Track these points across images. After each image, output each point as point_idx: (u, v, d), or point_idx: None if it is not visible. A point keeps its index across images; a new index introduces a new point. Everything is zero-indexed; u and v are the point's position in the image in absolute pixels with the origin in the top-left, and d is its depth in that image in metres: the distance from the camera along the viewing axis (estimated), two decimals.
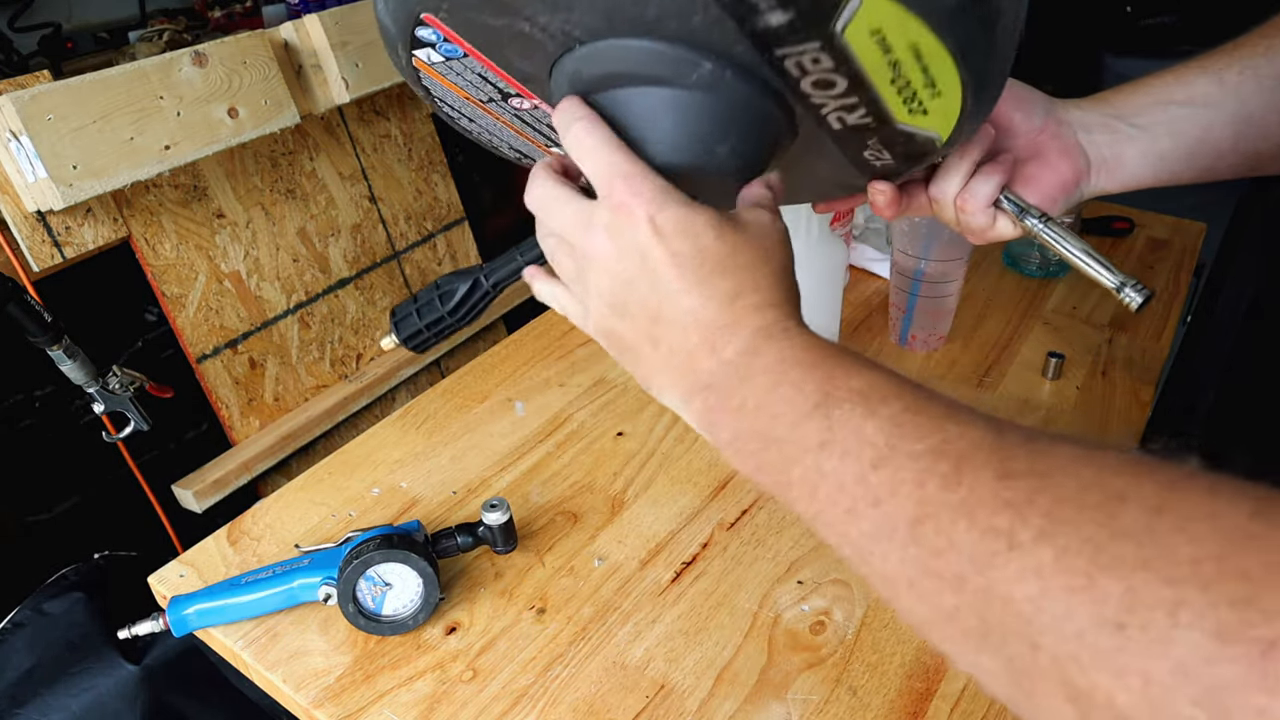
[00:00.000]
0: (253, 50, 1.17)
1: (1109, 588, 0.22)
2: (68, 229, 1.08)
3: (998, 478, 0.25)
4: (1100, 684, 0.22)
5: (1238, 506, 0.22)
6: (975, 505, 0.25)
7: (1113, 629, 0.21)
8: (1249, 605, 0.20)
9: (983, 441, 0.27)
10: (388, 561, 0.63)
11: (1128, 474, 0.24)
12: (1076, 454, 0.25)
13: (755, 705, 0.60)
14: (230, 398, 1.27)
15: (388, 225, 1.50)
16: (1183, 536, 0.21)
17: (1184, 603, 0.20)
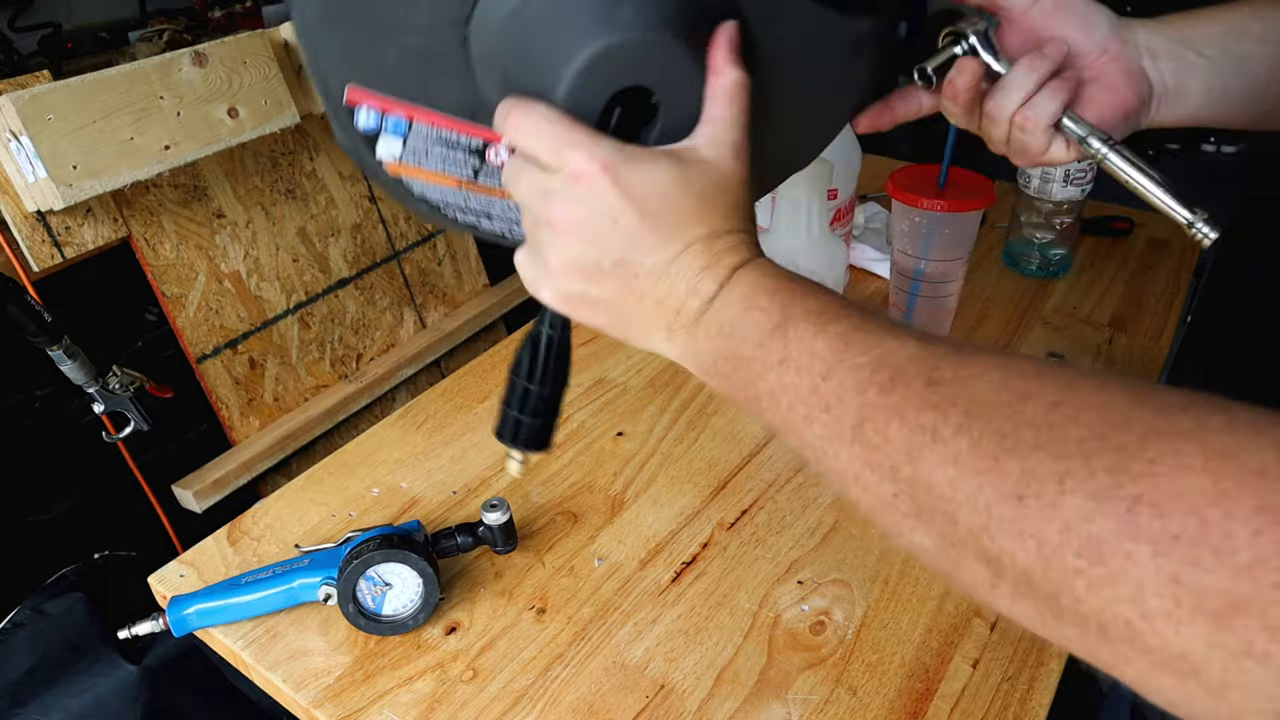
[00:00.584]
0: (253, 50, 1.17)
1: (1010, 467, 0.26)
2: (68, 229, 1.08)
3: (926, 384, 0.30)
4: (1005, 547, 0.26)
5: (1120, 397, 0.26)
6: (906, 407, 0.30)
7: (1013, 501, 0.26)
8: (1121, 470, 0.24)
9: (916, 354, 0.31)
10: (388, 561, 0.63)
11: (1034, 377, 0.28)
12: (994, 362, 0.29)
13: (755, 705, 0.60)
14: (230, 398, 1.27)
15: (388, 225, 1.51)
16: (1074, 424, 0.26)
17: (1069, 473, 0.25)
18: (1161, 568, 0.23)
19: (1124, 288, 1.09)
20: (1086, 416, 0.26)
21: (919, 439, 0.29)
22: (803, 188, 0.89)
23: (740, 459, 0.82)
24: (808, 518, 0.75)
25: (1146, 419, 0.25)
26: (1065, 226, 1.08)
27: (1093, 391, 0.27)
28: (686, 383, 0.93)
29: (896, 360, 0.31)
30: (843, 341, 0.33)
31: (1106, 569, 0.24)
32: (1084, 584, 0.24)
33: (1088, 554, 0.24)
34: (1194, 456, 0.23)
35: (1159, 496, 0.23)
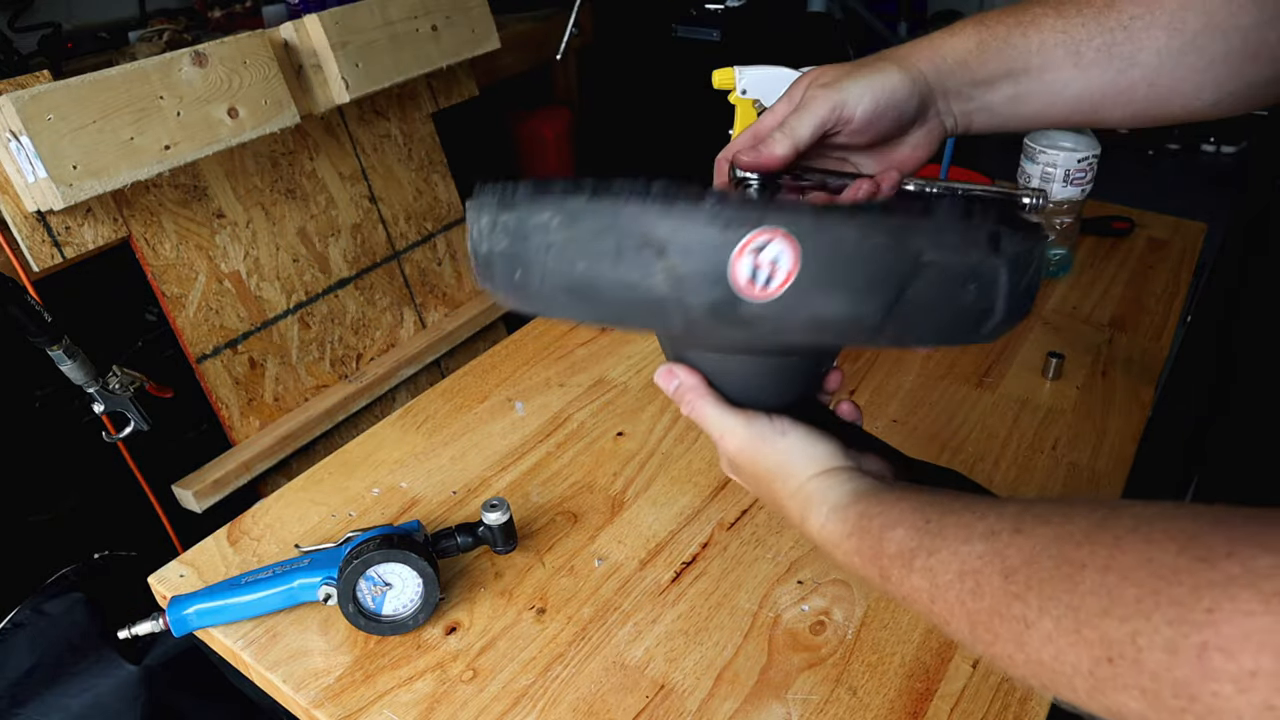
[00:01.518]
0: (253, 50, 1.17)
1: (1090, 636, 0.30)
2: (68, 229, 1.08)
3: (1003, 578, 0.34)
4: (1119, 700, 0.30)
5: (1166, 549, 0.29)
6: (997, 605, 0.34)
7: (1105, 663, 0.29)
8: (1182, 622, 0.27)
9: (985, 551, 0.36)
10: (388, 561, 0.63)
11: (1085, 544, 0.32)
12: (1051, 534, 0.34)
13: (755, 705, 0.60)
14: (230, 398, 1.27)
15: (388, 225, 1.51)
16: (1127, 583, 0.29)
17: (1139, 632, 0.28)
18: (1251, 700, 0.26)
19: (1124, 288, 1.09)
20: (1136, 575, 0.29)
21: (1017, 629, 0.33)
22: None
23: None
24: None
25: (1195, 569, 0.28)
26: (1065, 226, 1.08)
27: (1140, 547, 0.30)
28: None
29: (973, 565, 0.36)
30: (929, 573, 0.39)
31: (1204, 705, 0.27)
32: (1191, 718, 0.27)
33: (1182, 696, 0.27)
34: (1251, 602, 0.26)
35: (1225, 641, 0.26)
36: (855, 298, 0.39)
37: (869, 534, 0.43)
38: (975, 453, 0.82)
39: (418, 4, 1.39)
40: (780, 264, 0.38)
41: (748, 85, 0.86)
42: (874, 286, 0.39)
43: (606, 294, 0.41)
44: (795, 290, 0.38)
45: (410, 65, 1.38)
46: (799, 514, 0.47)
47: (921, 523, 0.40)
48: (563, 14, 1.85)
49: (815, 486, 0.47)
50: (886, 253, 0.39)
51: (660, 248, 0.39)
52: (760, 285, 0.38)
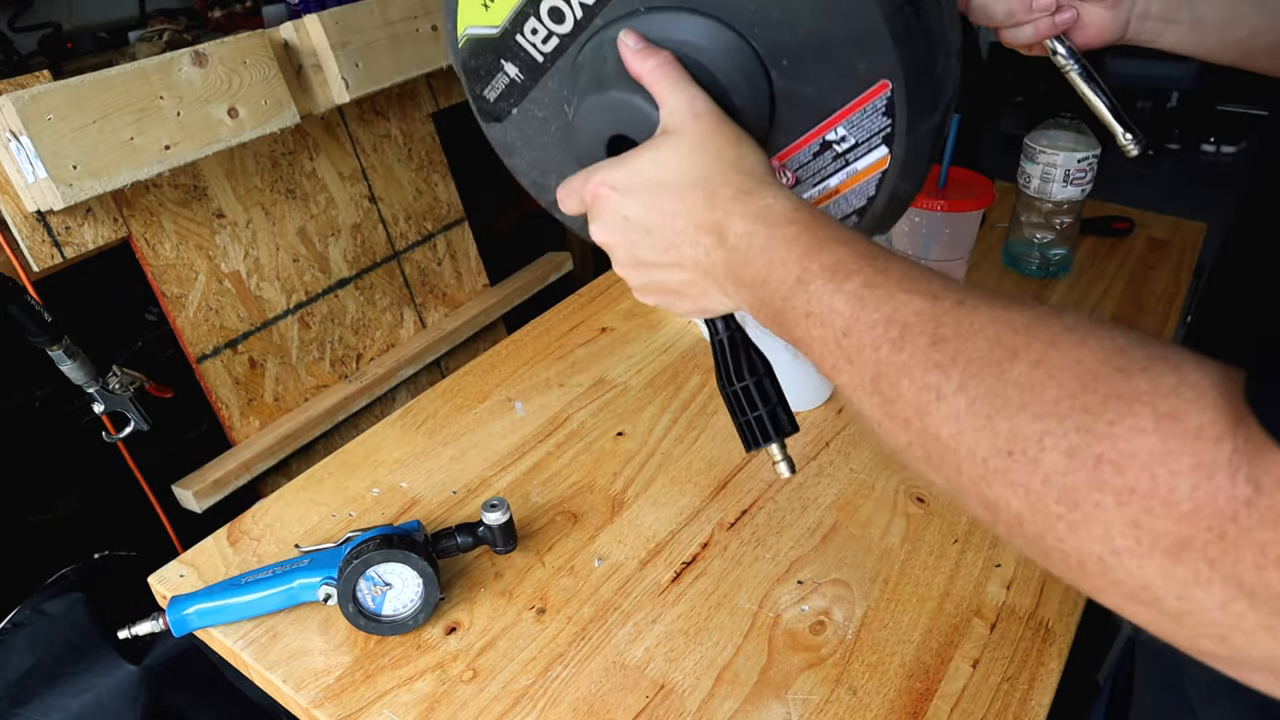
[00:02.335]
0: (253, 50, 1.17)
1: (1000, 426, 0.30)
2: (68, 229, 1.08)
3: (930, 343, 0.33)
4: (1000, 495, 0.30)
5: (1094, 354, 0.29)
6: (914, 366, 0.33)
7: (1004, 455, 0.30)
8: (1087, 430, 0.27)
9: (923, 310, 0.34)
10: (388, 561, 0.63)
11: (1023, 333, 0.31)
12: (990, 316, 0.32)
13: (755, 705, 0.60)
14: (230, 398, 1.27)
15: (388, 225, 1.51)
16: (1051, 383, 0.29)
17: (1048, 432, 0.28)
18: (1124, 514, 0.26)
19: (1124, 288, 1.09)
20: (1062, 375, 0.29)
21: (926, 397, 0.32)
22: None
23: (740, 459, 0.82)
24: (808, 518, 0.75)
25: (1111, 380, 0.28)
26: (1065, 226, 1.08)
27: (1072, 348, 0.30)
28: (686, 383, 0.93)
29: (904, 317, 0.34)
30: (858, 300, 0.36)
31: (1081, 514, 0.27)
32: (1064, 527, 0.28)
33: (1065, 502, 0.28)
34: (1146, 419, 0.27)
35: (1117, 456, 0.27)
36: None
37: (814, 231, 0.40)
38: None
39: (418, 4, 1.39)
40: None
41: None
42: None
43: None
44: None
45: (410, 65, 1.38)
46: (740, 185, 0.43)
47: (869, 253, 0.38)
48: None
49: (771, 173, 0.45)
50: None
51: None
52: None
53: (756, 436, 0.50)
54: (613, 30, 0.49)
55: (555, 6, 0.50)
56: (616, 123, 0.49)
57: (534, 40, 0.52)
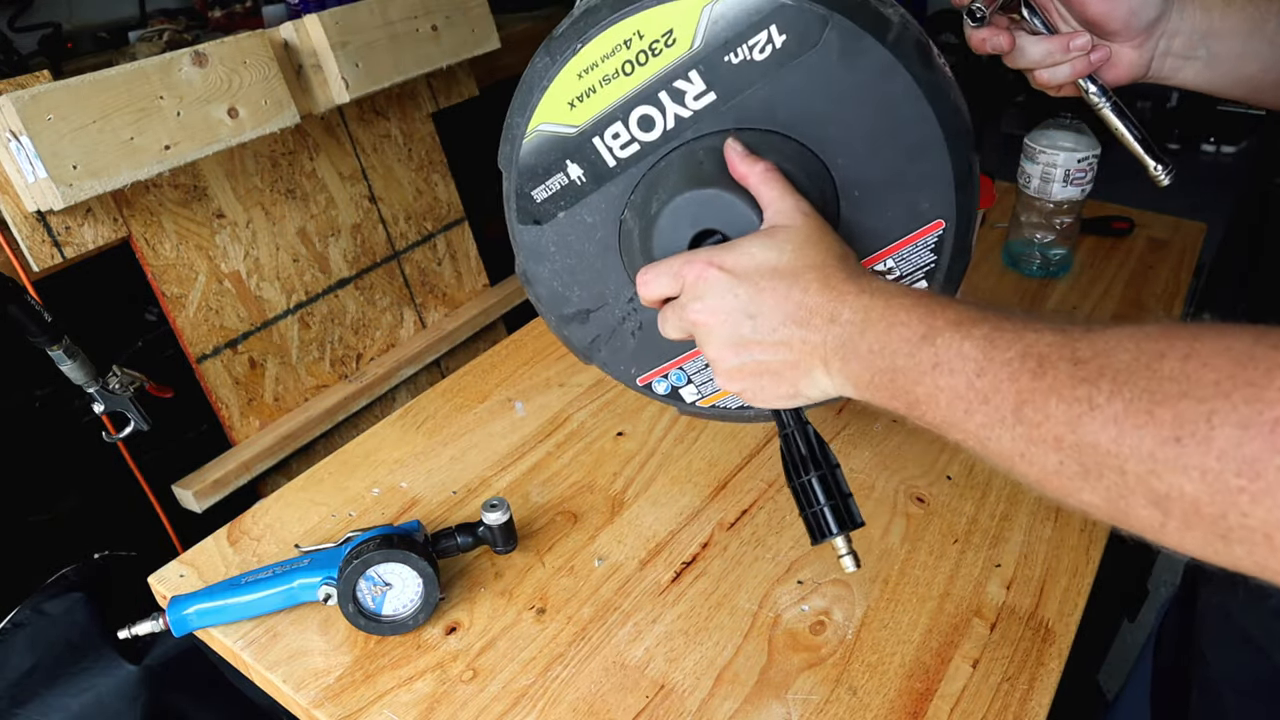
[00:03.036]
0: (253, 50, 1.17)
1: (1163, 416, 0.30)
2: (68, 229, 1.08)
3: (1072, 364, 0.34)
4: (1174, 483, 0.30)
5: (1242, 340, 0.30)
6: (1060, 386, 0.34)
7: (1173, 443, 0.30)
8: (1258, 400, 0.28)
9: (1055, 340, 0.36)
10: (388, 561, 0.63)
11: (1163, 338, 0.32)
12: (1126, 333, 0.34)
13: (755, 705, 0.60)
14: (230, 398, 1.27)
15: (388, 225, 1.51)
16: (1207, 369, 0.30)
17: (1215, 411, 0.29)
18: None
19: (1124, 288, 1.09)
20: (1217, 361, 0.30)
21: (1077, 409, 0.33)
22: None
23: (740, 459, 0.82)
24: None
25: (1268, 356, 0.29)
26: (1065, 226, 1.08)
27: (1216, 339, 0.31)
28: None
29: (1040, 349, 0.36)
30: (988, 342, 0.38)
31: (1264, 482, 0.28)
32: (1247, 499, 0.28)
33: (1246, 473, 0.28)
34: None
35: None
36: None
37: (929, 298, 0.43)
38: None
39: (418, 4, 1.39)
40: None
41: None
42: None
43: None
44: None
45: (410, 65, 1.38)
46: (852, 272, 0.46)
47: (992, 308, 0.40)
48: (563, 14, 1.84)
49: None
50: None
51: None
52: None
53: (824, 529, 0.50)
54: (704, 142, 0.52)
55: (647, 115, 0.52)
56: (711, 219, 0.51)
57: (612, 145, 0.54)
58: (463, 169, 1.64)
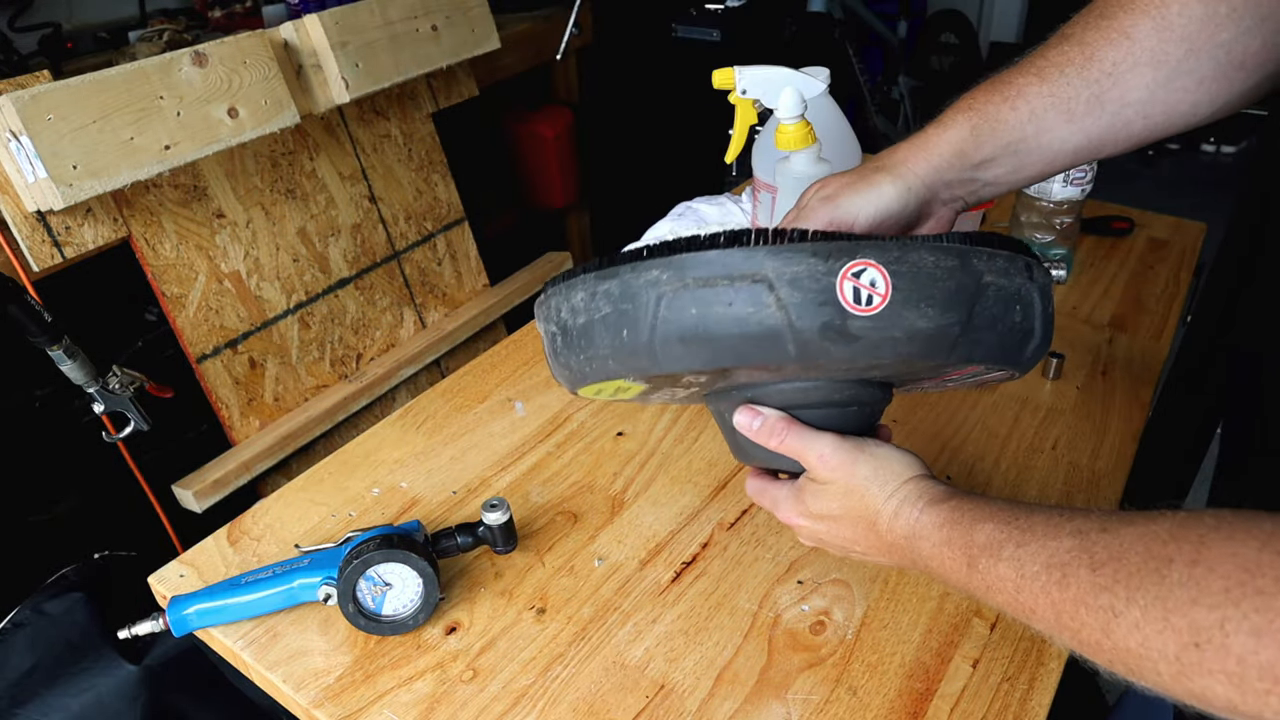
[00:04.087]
0: (253, 50, 1.17)
1: (1179, 623, 0.33)
2: (68, 229, 1.08)
3: (1090, 571, 0.37)
4: (1204, 684, 0.32)
5: (1248, 545, 0.32)
6: (1084, 595, 0.37)
7: (1193, 649, 0.32)
8: (1268, 609, 0.30)
9: (1073, 546, 0.39)
10: (388, 561, 0.63)
11: (1170, 541, 0.34)
12: (1135, 532, 0.36)
13: (755, 705, 0.60)
14: (230, 398, 1.27)
15: (388, 225, 1.51)
16: (1214, 575, 0.32)
17: (1227, 619, 0.31)
18: None
19: (1124, 288, 1.09)
20: (1224, 568, 0.32)
21: (1104, 618, 0.36)
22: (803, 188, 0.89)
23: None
24: None
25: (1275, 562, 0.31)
26: (1065, 226, 1.08)
27: (1222, 543, 0.33)
28: None
29: (1061, 559, 0.39)
30: (1017, 563, 0.41)
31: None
32: (1276, 700, 0.30)
33: (1267, 677, 0.30)
34: None
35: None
36: (938, 310, 0.46)
37: (960, 525, 0.46)
38: (975, 453, 0.82)
39: (418, 4, 1.39)
40: (877, 285, 0.45)
41: (748, 85, 0.86)
42: (951, 301, 0.46)
43: (720, 332, 0.46)
44: (892, 306, 0.45)
45: (410, 65, 1.38)
46: (893, 512, 0.50)
47: (1010, 518, 0.44)
48: (563, 14, 1.85)
49: (913, 487, 0.51)
50: (957, 273, 0.46)
51: (771, 283, 0.45)
52: (864, 304, 0.45)
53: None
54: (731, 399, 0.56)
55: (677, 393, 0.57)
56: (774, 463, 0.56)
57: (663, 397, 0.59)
58: (463, 169, 1.64)
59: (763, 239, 0.45)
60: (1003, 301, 0.47)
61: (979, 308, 0.46)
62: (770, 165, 0.94)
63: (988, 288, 0.46)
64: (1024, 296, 0.48)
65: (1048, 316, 0.49)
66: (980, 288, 0.46)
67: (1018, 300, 0.48)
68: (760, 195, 1.03)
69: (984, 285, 0.46)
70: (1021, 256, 0.48)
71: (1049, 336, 0.50)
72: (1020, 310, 0.48)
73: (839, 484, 0.53)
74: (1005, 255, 0.47)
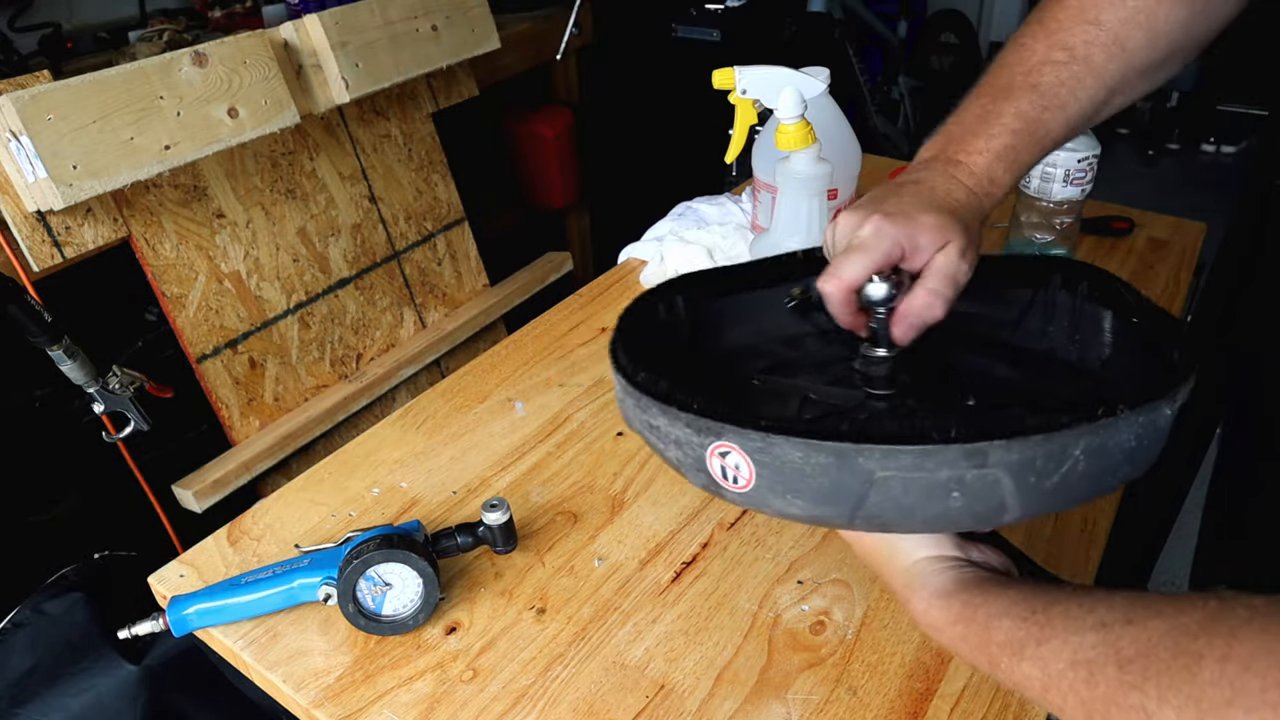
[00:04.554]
0: (253, 50, 1.17)
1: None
2: (68, 229, 1.08)
3: (1118, 668, 0.35)
4: None
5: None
6: (1114, 694, 0.35)
7: None
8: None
9: (1097, 641, 0.37)
10: (388, 561, 0.63)
11: (1200, 635, 0.33)
12: (1163, 626, 0.35)
13: (755, 705, 0.60)
14: (230, 398, 1.27)
15: (388, 225, 1.51)
16: (1249, 674, 0.30)
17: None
18: None
19: None
20: (1259, 666, 0.30)
21: (1137, 718, 0.34)
22: (803, 188, 0.89)
23: None
24: None
25: None
26: (1065, 226, 1.08)
27: (1256, 638, 0.31)
28: None
29: (1085, 655, 0.37)
30: (1040, 661, 0.39)
31: None
32: None
33: None
34: None
35: None
36: (810, 504, 0.43)
37: (975, 623, 0.44)
38: None
39: (418, 4, 1.39)
40: (741, 470, 0.44)
41: (748, 85, 0.86)
42: (825, 498, 0.42)
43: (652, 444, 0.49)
44: (758, 490, 0.43)
45: (410, 65, 1.38)
46: (904, 594, 0.49)
47: (1028, 613, 0.42)
48: (563, 14, 1.85)
49: (919, 570, 0.48)
50: (832, 471, 0.42)
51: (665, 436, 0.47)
52: (731, 482, 0.45)
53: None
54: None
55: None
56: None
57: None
58: (463, 169, 1.64)
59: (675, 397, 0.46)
60: (918, 492, 0.41)
61: (874, 501, 0.42)
62: (770, 165, 0.94)
63: (884, 482, 0.41)
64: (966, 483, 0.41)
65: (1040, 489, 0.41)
66: (870, 483, 0.41)
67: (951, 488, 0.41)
68: (760, 195, 1.03)
69: (877, 481, 0.41)
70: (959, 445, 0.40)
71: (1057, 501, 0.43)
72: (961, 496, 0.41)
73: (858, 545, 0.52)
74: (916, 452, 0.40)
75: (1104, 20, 0.56)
